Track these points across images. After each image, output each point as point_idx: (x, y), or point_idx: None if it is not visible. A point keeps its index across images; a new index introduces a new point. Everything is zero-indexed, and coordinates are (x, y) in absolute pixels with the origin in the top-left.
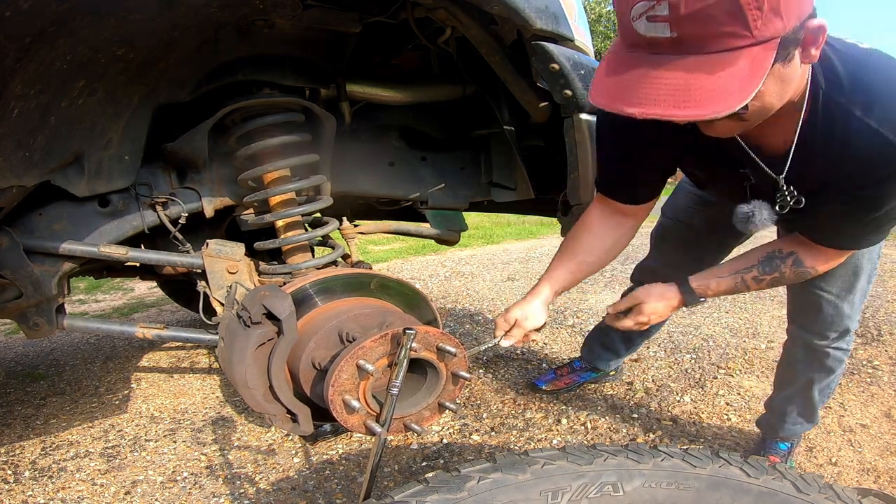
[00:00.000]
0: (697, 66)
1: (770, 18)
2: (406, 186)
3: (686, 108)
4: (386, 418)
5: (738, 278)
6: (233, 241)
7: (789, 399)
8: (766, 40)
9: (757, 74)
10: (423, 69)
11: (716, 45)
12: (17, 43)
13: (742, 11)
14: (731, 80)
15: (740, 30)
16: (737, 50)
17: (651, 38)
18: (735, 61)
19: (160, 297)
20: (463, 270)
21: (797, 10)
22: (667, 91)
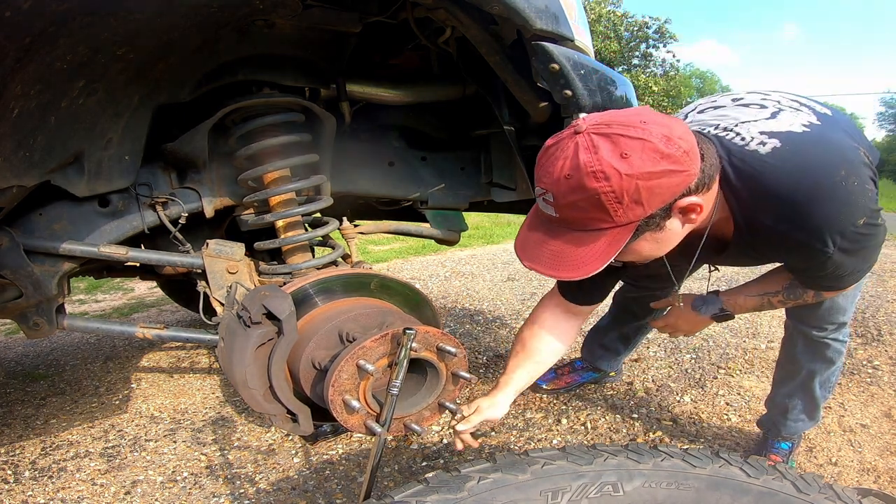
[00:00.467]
0: (571, 240)
1: (631, 208)
2: (406, 186)
3: (556, 271)
4: (386, 418)
5: (765, 299)
6: (233, 241)
7: (791, 394)
8: (624, 224)
9: (612, 250)
10: (423, 69)
11: (585, 226)
12: (17, 43)
13: (604, 205)
14: (591, 253)
15: (603, 216)
16: (601, 231)
17: (545, 214)
18: (598, 239)
19: (160, 297)
20: (463, 270)
21: (660, 197)
22: (548, 255)
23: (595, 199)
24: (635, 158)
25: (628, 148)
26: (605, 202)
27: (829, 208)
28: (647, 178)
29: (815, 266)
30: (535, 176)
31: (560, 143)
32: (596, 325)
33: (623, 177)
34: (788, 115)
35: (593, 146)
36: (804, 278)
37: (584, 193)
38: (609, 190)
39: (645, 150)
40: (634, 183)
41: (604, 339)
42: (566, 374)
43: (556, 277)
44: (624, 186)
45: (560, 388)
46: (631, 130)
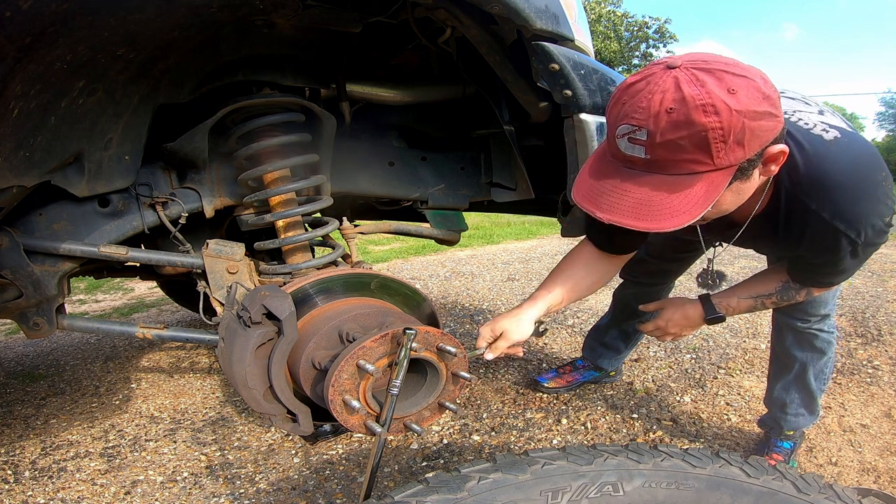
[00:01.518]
0: (661, 185)
1: (733, 149)
2: (406, 186)
3: (643, 222)
4: (386, 418)
5: (759, 301)
6: (233, 241)
7: (787, 388)
8: (725, 167)
9: (711, 196)
10: (423, 69)
11: (680, 169)
12: (17, 43)
13: (708, 144)
14: (686, 201)
15: (703, 158)
16: (697, 174)
17: (629, 156)
18: (694, 184)
19: (160, 297)
20: (463, 270)
21: (760, 140)
22: (631, 204)
23: (701, 137)
24: (742, 95)
25: (734, 84)
26: (711, 140)
27: (871, 203)
28: (753, 117)
29: (832, 260)
30: (614, 114)
31: (651, 78)
32: (596, 324)
33: (733, 113)
34: (830, 115)
35: (698, 80)
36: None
37: (690, 129)
38: (718, 126)
39: (749, 88)
40: (742, 121)
41: (604, 337)
42: (567, 373)
43: (645, 229)
44: (733, 123)
45: (561, 386)
46: (732, 67)
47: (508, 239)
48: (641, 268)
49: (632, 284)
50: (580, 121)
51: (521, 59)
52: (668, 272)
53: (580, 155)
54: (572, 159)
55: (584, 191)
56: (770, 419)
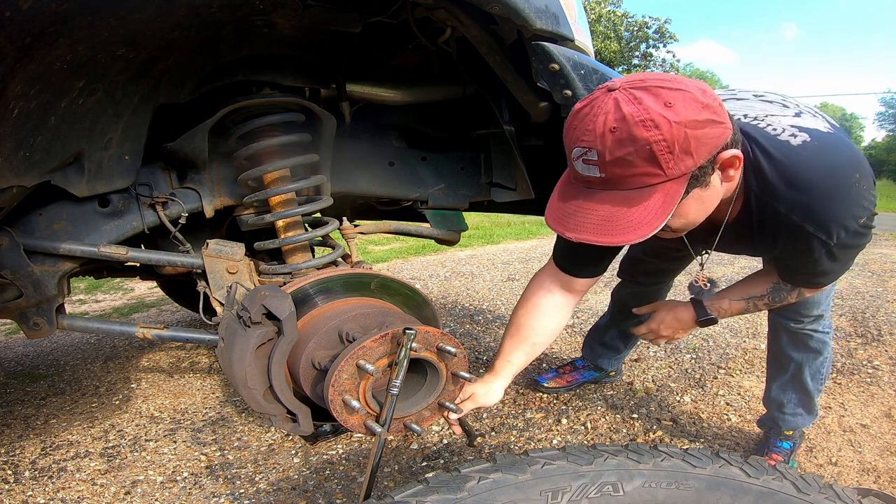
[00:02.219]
0: (620, 201)
1: (681, 158)
2: (406, 186)
3: (608, 237)
4: (386, 418)
5: (751, 303)
6: (233, 241)
7: (784, 388)
8: (677, 177)
9: (668, 206)
10: (423, 69)
11: (634, 183)
12: (17, 43)
13: (655, 157)
14: (646, 212)
15: (654, 170)
16: (652, 186)
17: (586, 177)
18: (651, 196)
19: (160, 297)
20: (463, 270)
21: (707, 147)
22: (595, 222)
23: (646, 150)
24: (679, 107)
25: (670, 98)
26: (657, 152)
27: (842, 205)
28: (694, 126)
29: (808, 261)
30: (568, 139)
31: (595, 102)
32: (596, 324)
33: (672, 124)
34: (809, 118)
35: (635, 98)
36: (789, 273)
37: (634, 145)
38: (660, 138)
39: (686, 100)
40: (683, 131)
41: (604, 337)
42: (567, 373)
43: (610, 244)
44: (674, 134)
45: (562, 386)
46: (667, 83)
47: (508, 239)
48: (639, 267)
49: (630, 284)
50: None
51: (521, 59)
52: (665, 271)
53: None
54: None
55: (554, 214)
56: (769, 419)
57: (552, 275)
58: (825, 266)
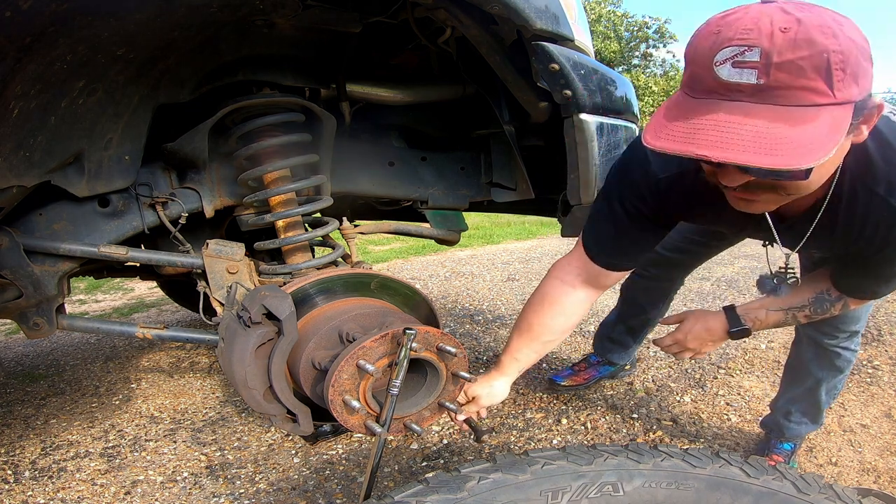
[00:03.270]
0: (779, 117)
1: (850, 83)
2: (406, 186)
3: (771, 156)
4: (386, 418)
5: (790, 314)
6: (233, 241)
7: (795, 399)
8: (844, 102)
9: (837, 132)
10: (423, 69)
11: (798, 99)
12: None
13: (830, 70)
14: (813, 135)
15: (823, 87)
16: (818, 107)
17: (734, 83)
18: (816, 117)
19: (160, 297)
20: (463, 271)
21: (867, 83)
22: (749, 138)
23: (822, 59)
24: (848, 28)
25: (840, 19)
26: (833, 64)
27: None
28: (862, 52)
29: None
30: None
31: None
32: (604, 321)
33: (849, 39)
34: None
35: (804, 7)
36: (853, 277)
37: (812, 48)
38: (838, 49)
39: (853, 27)
40: (855, 52)
41: (612, 333)
42: (583, 370)
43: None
44: (850, 51)
45: (579, 384)
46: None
47: (508, 239)
48: (653, 261)
49: (639, 278)
50: (580, 121)
51: (521, 60)
52: (680, 267)
53: (580, 155)
54: (572, 159)
55: (671, 133)
56: (772, 422)
57: (579, 266)
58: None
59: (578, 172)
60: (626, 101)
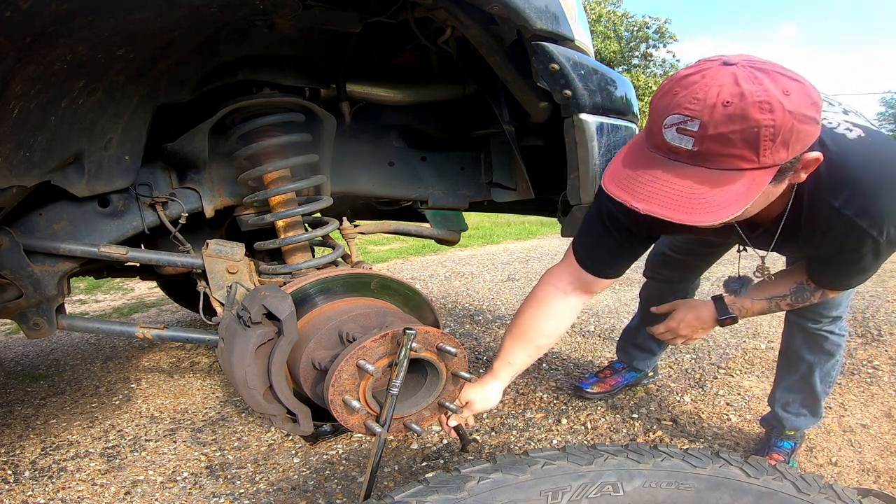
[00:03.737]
0: (705, 179)
1: (778, 149)
2: (406, 186)
3: (683, 214)
4: (386, 418)
5: (773, 303)
6: (233, 241)
7: (792, 388)
8: (768, 167)
9: (751, 194)
10: (423, 69)
11: (725, 164)
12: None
13: (758, 141)
14: (728, 196)
15: (750, 155)
16: (741, 171)
17: (675, 146)
18: (736, 180)
19: (160, 297)
20: (463, 271)
21: (801, 143)
22: (671, 196)
23: (753, 133)
24: (795, 97)
25: (789, 87)
26: (762, 137)
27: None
28: (801, 120)
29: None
30: (664, 104)
31: (707, 72)
32: (627, 327)
33: (786, 113)
34: (854, 115)
35: (756, 78)
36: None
37: (744, 124)
38: (771, 124)
39: (801, 92)
40: (791, 122)
41: (636, 339)
42: (609, 377)
43: (687, 222)
44: (784, 123)
45: (606, 391)
46: (786, 71)
47: (508, 239)
48: (665, 264)
49: (655, 283)
50: (580, 121)
51: (521, 60)
52: (691, 268)
53: (580, 155)
54: (572, 159)
55: (617, 180)
56: (772, 418)
57: (570, 273)
58: (866, 263)
59: (578, 172)
60: (626, 101)
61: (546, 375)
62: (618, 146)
